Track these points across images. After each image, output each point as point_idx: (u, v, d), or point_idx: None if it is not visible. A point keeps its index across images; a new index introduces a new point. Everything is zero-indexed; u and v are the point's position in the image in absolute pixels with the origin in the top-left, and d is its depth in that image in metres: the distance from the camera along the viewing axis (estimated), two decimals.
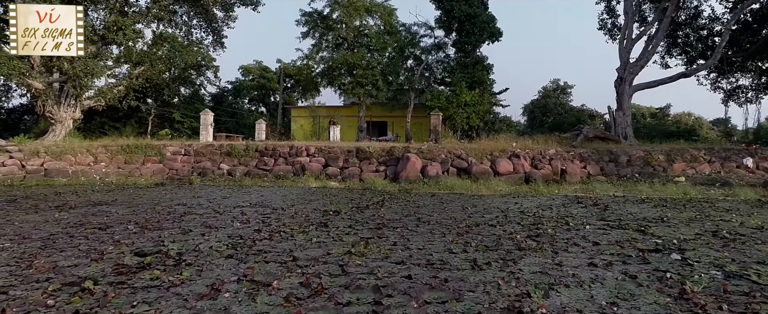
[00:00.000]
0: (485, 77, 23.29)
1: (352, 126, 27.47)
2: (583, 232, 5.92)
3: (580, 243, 5.14)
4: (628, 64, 21.93)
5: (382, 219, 6.97)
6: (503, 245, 5.02)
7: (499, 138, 18.90)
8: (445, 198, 10.56)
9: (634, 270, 3.93)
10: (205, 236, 5.39)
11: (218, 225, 6.22)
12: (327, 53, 24.98)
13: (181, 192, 11.35)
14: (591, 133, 21.00)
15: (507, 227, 6.28)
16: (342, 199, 10.15)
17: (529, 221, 6.79)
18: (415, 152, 16.69)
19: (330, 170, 16.47)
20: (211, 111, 20.81)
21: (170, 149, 18.24)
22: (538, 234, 5.66)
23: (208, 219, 6.80)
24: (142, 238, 5.23)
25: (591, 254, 4.60)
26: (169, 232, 5.62)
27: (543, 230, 5.93)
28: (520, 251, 4.71)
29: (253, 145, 18.02)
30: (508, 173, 16.08)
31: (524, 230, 6.02)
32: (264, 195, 10.81)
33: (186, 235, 5.45)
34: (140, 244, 4.90)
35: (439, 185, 12.98)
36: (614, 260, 4.30)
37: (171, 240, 5.15)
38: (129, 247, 4.72)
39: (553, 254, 4.57)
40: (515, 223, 6.70)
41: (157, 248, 4.69)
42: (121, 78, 27.73)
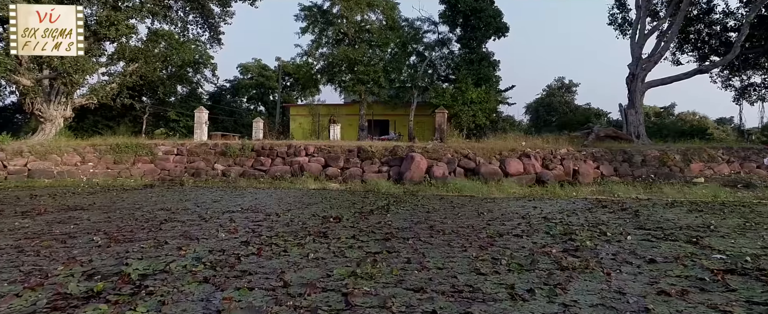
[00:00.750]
0: (491, 74, 22.43)
1: (352, 125, 26.59)
2: (627, 244, 5.05)
3: (632, 260, 4.27)
4: (640, 60, 21.07)
5: (390, 228, 6.10)
6: (539, 262, 4.15)
7: (507, 137, 18.04)
8: (455, 202, 9.69)
9: (720, 300, 3.06)
10: (181, 250, 4.52)
11: (200, 236, 5.36)
12: (327, 49, 24.08)
13: (168, 195, 10.48)
14: (602, 132, 20.13)
15: (536, 238, 5.42)
16: (343, 202, 9.29)
17: (559, 231, 5.92)
18: (420, 152, 15.83)
19: (330, 171, 15.62)
20: (205, 109, 19.93)
21: (162, 149, 17.39)
22: (577, 248, 4.79)
23: (190, 228, 5.94)
24: (105, 254, 4.36)
25: (652, 276, 3.73)
26: (140, 245, 4.76)
27: (580, 243, 5.06)
28: (563, 271, 3.84)
29: (250, 144, 17.16)
30: (518, 173, 15.21)
31: (557, 242, 5.15)
32: (258, 198, 9.94)
33: (159, 249, 4.58)
34: (99, 262, 4.03)
35: (446, 187, 12.11)
36: (687, 285, 3.43)
37: (138, 256, 4.28)
38: (83, 267, 3.85)
39: (606, 276, 3.70)
40: (543, 232, 5.83)
41: (118, 268, 3.82)
42: (114, 75, 26.89)
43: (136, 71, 26.08)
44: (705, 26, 24.91)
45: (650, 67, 20.84)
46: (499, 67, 22.80)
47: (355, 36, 23.85)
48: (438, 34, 25.11)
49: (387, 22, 24.18)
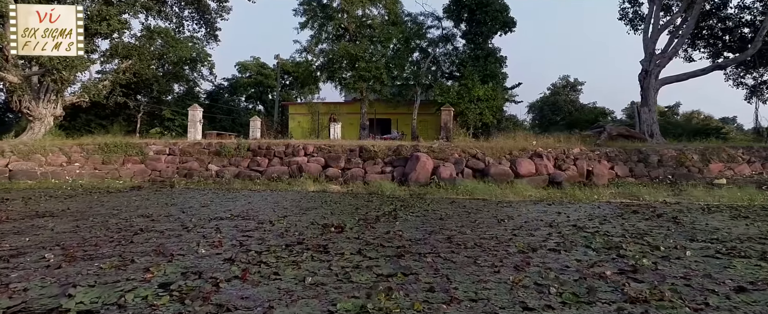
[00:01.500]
0: (498, 71, 21.55)
1: (353, 124, 25.71)
2: (691, 263, 4.18)
3: (712, 287, 3.40)
4: (653, 56, 20.20)
5: (402, 239, 5.23)
6: (598, 290, 3.28)
7: (516, 136, 17.15)
8: (468, 206, 8.82)
9: None
10: (148, 272, 3.65)
11: (177, 251, 4.48)
12: (327, 45, 23.16)
13: (154, 198, 9.61)
14: (615, 131, 19.25)
15: (577, 254, 4.55)
16: (345, 207, 8.41)
17: (600, 243, 5.04)
18: (426, 152, 14.95)
19: (330, 172, 14.74)
20: (200, 107, 19.05)
21: (153, 148, 16.51)
22: (634, 269, 3.92)
23: (168, 240, 5.06)
24: (50, 278, 3.49)
25: (754, 312, 2.85)
26: (99, 265, 3.88)
27: (635, 261, 4.18)
28: (633, 304, 2.97)
29: (245, 144, 16.28)
30: (530, 174, 14.34)
31: (605, 260, 4.28)
32: (252, 202, 9.07)
33: (120, 271, 3.71)
34: (37, 292, 3.15)
35: (456, 190, 11.23)
36: None
37: (92, 280, 3.40)
38: (12, 299, 2.98)
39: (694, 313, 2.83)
40: (582, 246, 4.96)
41: (57, 301, 2.95)
42: (107, 73, 26.00)
43: (129, 68, 25.19)
44: (718, 21, 24.04)
45: (664, 63, 19.98)
46: (505, 63, 21.98)
47: (356, 31, 22.96)
48: (442, 30, 24.25)
49: (389, 17, 23.28)
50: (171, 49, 30.94)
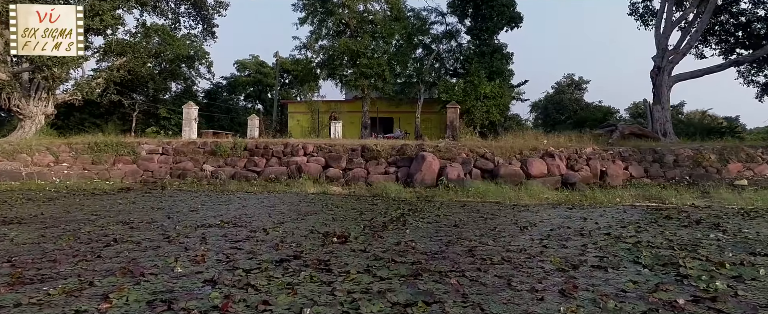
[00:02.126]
0: (504, 67, 20.81)
1: (354, 123, 24.96)
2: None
3: None
4: (666, 52, 19.45)
5: (416, 253, 4.48)
6: None
7: (524, 135, 16.41)
8: (482, 210, 8.08)
9: None
10: (106, 300, 2.91)
11: (150, 268, 3.75)
12: (327, 41, 22.40)
13: (142, 201, 8.87)
14: (627, 129, 18.51)
15: (628, 273, 3.80)
16: (348, 211, 7.67)
17: (650, 258, 4.30)
18: (432, 151, 14.21)
19: (331, 172, 14.00)
20: (195, 105, 18.30)
21: (146, 148, 15.78)
22: (713, 297, 3.16)
23: (143, 254, 4.33)
24: None
25: None
26: (47, 290, 3.14)
27: (706, 284, 3.44)
28: None
29: (242, 143, 15.54)
30: (541, 175, 13.60)
31: (665, 280, 3.54)
32: (247, 206, 8.33)
33: (70, 300, 2.96)
34: None
35: (466, 192, 10.48)
36: None
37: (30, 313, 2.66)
38: None
39: None
40: (629, 261, 4.22)
41: None
42: (100, 70, 25.24)
43: (123, 66, 24.44)
44: (731, 17, 23.29)
45: (678, 59, 19.24)
46: (512, 60, 21.21)
47: (358, 27, 22.20)
48: (446, 26, 23.49)
49: (391, 12, 22.51)
50: (168, 47, 30.30)
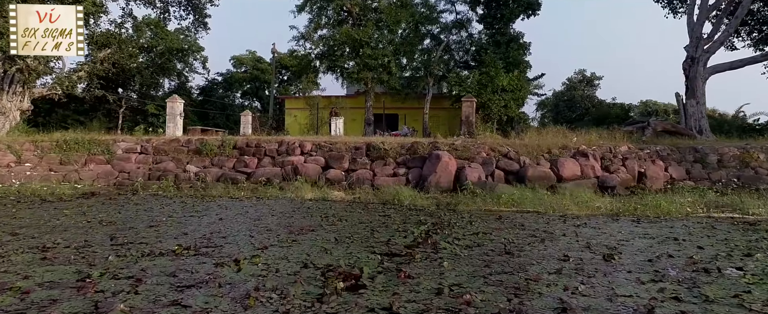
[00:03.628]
0: (521, 58, 19.01)
1: (356, 119, 23.15)
2: None
3: None
4: (700, 40, 17.66)
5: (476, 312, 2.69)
6: None
7: (547, 132, 14.59)
8: (528, 225, 6.27)
9: None
10: None
11: None
12: (327, 31, 20.60)
13: (97, 210, 7.07)
14: (659, 126, 16.72)
15: None
16: (355, 227, 5.87)
17: None
18: (447, 150, 12.42)
19: (332, 174, 12.21)
20: (181, 99, 16.50)
21: (122, 146, 14.00)
22: None
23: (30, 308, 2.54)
24: None
25: None
26: None
27: None
28: None
29: (231, 140, 13.74)
30: (574, 177, 11.81)
31: None
32: (226, 219, 6.53)
33: None
34: None
35: (496, 198, 8.65)
36: None
37: None
38: None
39: None
40: None
41: None
42: (82, 63, 23.45)
43: (107, 58, 22.67)
44: (764, 5, 21.47)
45: (715, 48, 17.45)
46: (529, 50, 19.40)
47: (360, 15, 20.40)
48: (455, 14, 21.69)
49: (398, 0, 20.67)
50: (161, 41, 28.52)
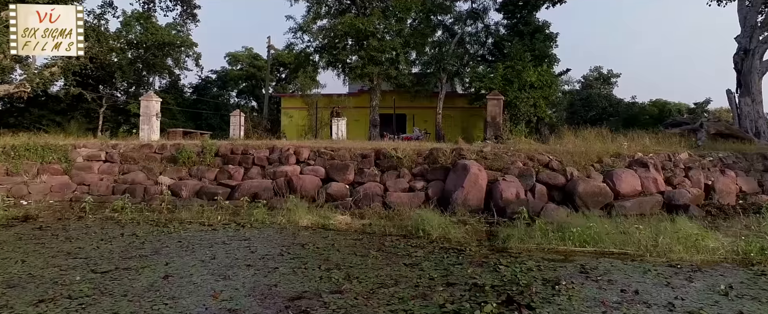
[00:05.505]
0: (548, 51, 16.73)
1: (360, 120, 20.88)
2: None
3: None
4: (755, 30, 15.40)
5: None
6: None
7: (589, 135, 12.27)
8: (644, 290, 3.99)
9: None
10: None
11: None
12: (327, 21, 18.35)
13: None
14: (712, 128, 14.45)
15: None
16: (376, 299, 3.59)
17: None
18: (475, 158, 10.14)
19: (334, 188, 9.96)
20: (158, 96, 14.24)
21: (83, 153, 11.78)
22: None
23: None
24: None
25: None
26: None
27: None
28: None
29: (212, 146, 11.47)
30: (634, 193, 9.54)
31: None
32: (174, 276, 4.27)
33: None
34: None
35: (560, 231, 6.30)
36: None
37: None
38: None
39: None
40: None
41: None
42: (55, 57, 21.19)
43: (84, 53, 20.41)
44: None
45: None
46: (556, 42, 17.12)
47: (365, 2, 18.15)
48: (471, 2, 19.43)
49: None
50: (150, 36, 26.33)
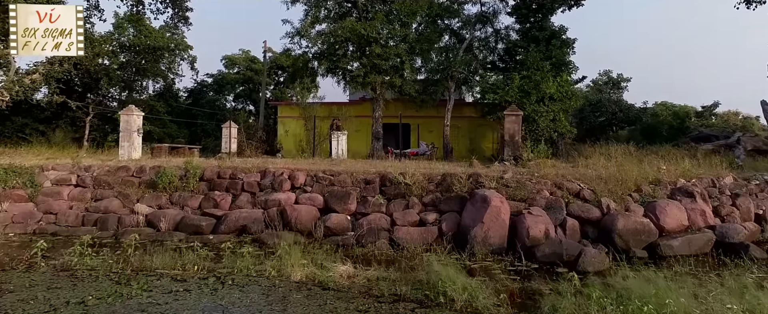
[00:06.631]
0: (565, 58, 15.43)
1: (361, 130, 19.58)
2: None
3: None
4: None
5: None
6: None
7: (615, 152, 10.97)
8: None
9: None
10: None
11: None
12: (327, 25, 17.05)
13: None
14: (749, 144, 13.16)
15: None
16: None
17: None
18: (495, 187, 8.84)
19: (333, 221, 8.67)
20: (138, 109, 12.91)
21: (52, 176, 10.51)
22: None
23: None
24: None
25: None
26: None
27: None
28: None
29: (196, 170, 10.16)
30: (680, 229, 8.24)
31: None
32: None
33: None
34: None
35: (618, 298, 4.98)
36: None
37: None
38: None
39: None
40: None
41: None
42: (36, 63, 19.91)
43: (66, 58, 19.18)
44: None
45: None
46: (573, 48, 15.81)
47: (366, 5, 16.86)
48: (480, 5, 18.12)
49: None
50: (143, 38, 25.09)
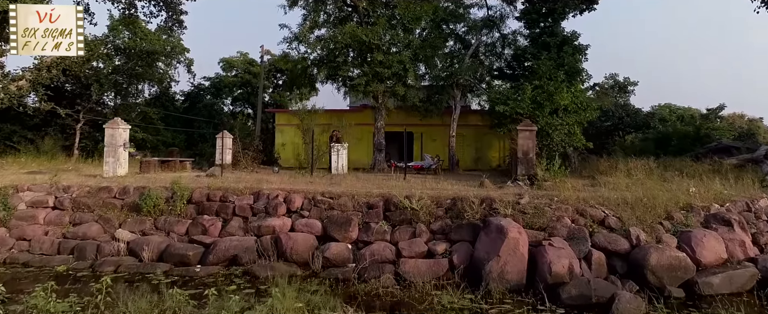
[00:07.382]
0: (578, 66, 14.61)
1: (362, 139, 18.78)
2: None
3: None
4: None
5: None
6: None
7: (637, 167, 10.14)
8: None
9: None
10: None
11: None
12: (326, 30, 16.25)
13: None
14: None
15: None
16: None
17: None
18: (511, 214, 8.01)
19: (333, 251, 7.84)
20: (123, 122, 12.05)
21: (28, 198, 9.69)
22: None
23: None
24: None
25: None
26: None
27: None
28: None
29: (183, 192, 9.33)
30: (719, 262, 7.40)
31: None
32: None
33: None
34: None
35: None
36: None
37: None
38: None
39: None
40: None
41: None
42: (24, 69, 19.09)
43: (54, 64, 18.38)
44: None
45: None
46: (586, 55, 14.97)
47: (368, 9, 16.05)
48: (487, 9, 17.32)
49: None
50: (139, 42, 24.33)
